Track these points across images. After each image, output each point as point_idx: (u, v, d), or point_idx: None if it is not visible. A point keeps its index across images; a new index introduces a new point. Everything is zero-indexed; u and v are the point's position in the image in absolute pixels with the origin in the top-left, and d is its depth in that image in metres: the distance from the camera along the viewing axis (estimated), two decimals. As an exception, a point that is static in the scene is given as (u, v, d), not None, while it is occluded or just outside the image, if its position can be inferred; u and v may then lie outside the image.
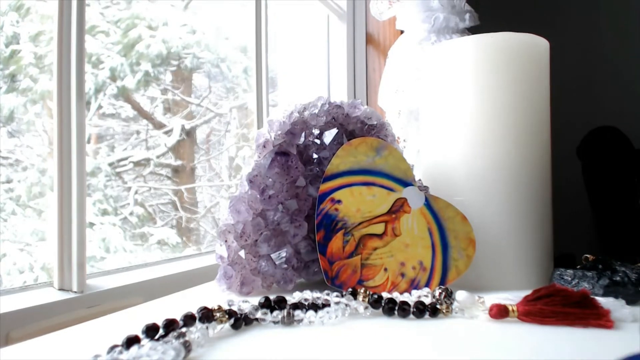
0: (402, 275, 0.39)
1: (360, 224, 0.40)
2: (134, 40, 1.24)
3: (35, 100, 0.93)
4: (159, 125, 1.30)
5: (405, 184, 0.40)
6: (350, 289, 0.34)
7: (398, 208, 0.40)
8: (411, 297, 0.35)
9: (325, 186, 0.40)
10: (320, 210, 0.40)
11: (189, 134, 1.35)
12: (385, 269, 0.39)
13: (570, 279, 0.39)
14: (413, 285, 0.39)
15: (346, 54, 1.28)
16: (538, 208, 0.43)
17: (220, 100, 1.44)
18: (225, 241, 0.41)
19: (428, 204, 0.40)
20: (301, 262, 0.42)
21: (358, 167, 0.40)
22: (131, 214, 1.23)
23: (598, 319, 0.30)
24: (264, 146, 0.42)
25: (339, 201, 0.40)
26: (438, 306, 0.33)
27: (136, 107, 1.26)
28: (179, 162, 1.34)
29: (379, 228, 0.40)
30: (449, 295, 0.34)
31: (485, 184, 0.43)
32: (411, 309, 0.32)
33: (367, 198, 0.40)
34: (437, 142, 0.46)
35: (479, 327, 0.30)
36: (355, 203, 0.40)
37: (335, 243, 0.39)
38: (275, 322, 0.31)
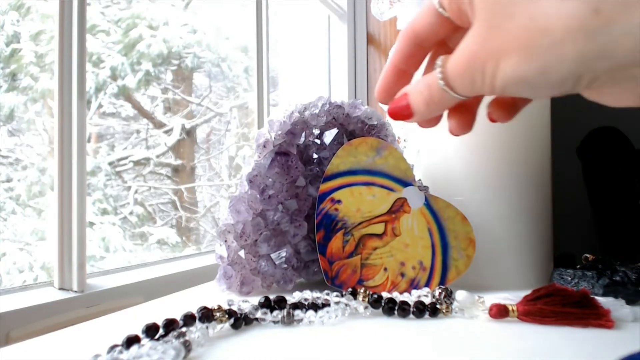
0: (402, 275, 0.39)
1: (360, 223, 0.40)
2: (134, 40, 1.24)
3: (35, 99, 0.93)
4: (159, 125, 1.30)
5: (405, 184, 0.40)
6: (350, 289, 0.34)
7: (398, 208, 0.40)
8: (411, 297, 0.35)
9: (325, 186, 0.40)
10: (320, 210, 0.40)
11: (189, 133, 1.35)
12: (385, 269, 0.39)
13: (570, 278, 0.39)
14: (413, 285, 0.39)
15: (347, 54, 1.28)
16: (538, 208, 0.43)
17: (220, 99, 1.44)
18: (225, 241, 0.41)
19: (428, 204, 0.40)
20: (301, 262, 0.42)
21: (358, 167, 0.40)
22: (131, 213, 1.23)
23: (598, 318, 0.30)
24: (264, 146, 0.42)
25: (339, 201, 0.40)
26: (438, 306, 0.33)
27: (136, 106, 1.27)
28: (179, 162, 1.34)
29: (378, 228, 0.40)
30: (448, 295, 0.34)
31: (485, 184, 0.43)
32: (411, 309, 0.32)
33: (367, 198, 0.40)
34: (437, 142, 0.46)
35: (479, 327, 0.30)
36: (355, 203, 0.40)
37: (335, 243, 0.39)
38: (275, 322, 0.31)
